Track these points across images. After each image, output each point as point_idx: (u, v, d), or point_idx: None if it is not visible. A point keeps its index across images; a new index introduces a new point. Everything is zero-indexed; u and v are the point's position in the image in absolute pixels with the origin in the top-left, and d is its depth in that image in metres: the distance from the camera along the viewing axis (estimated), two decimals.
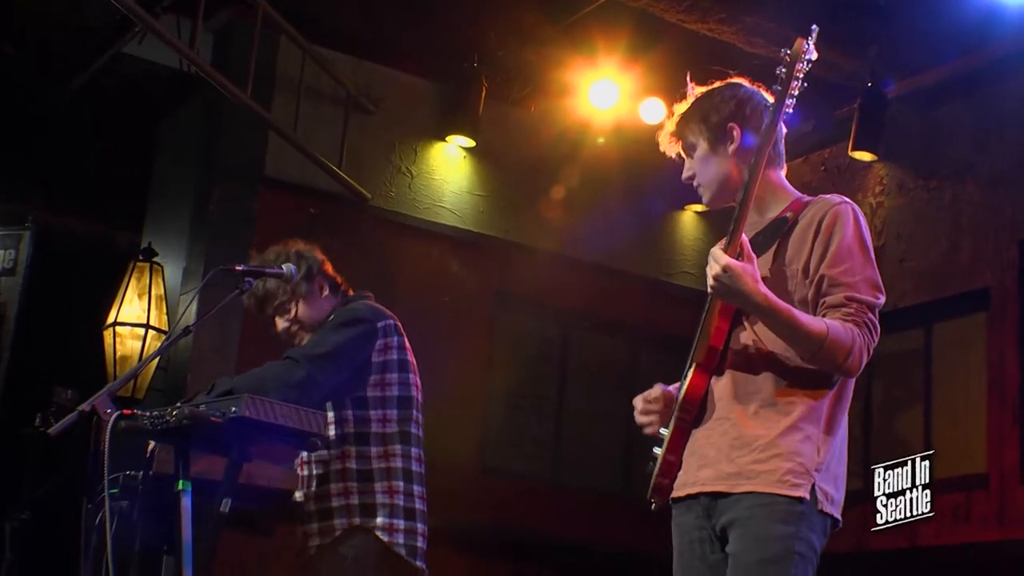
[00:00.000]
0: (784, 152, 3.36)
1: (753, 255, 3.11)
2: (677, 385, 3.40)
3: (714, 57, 7.34)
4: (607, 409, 8.10)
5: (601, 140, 8.17)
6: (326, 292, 4.40)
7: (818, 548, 3.11)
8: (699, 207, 8.62)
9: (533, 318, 8.27)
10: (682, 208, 8.67)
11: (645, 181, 8.36)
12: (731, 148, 3.29)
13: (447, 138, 7.91)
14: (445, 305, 7.69)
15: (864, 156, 7.75)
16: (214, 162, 7.38)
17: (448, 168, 7.96)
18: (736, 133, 3.29)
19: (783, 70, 3.16)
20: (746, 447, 3.11)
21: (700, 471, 3.18)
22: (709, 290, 3.10)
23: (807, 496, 3.07)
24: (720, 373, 3.21)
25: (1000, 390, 6.94)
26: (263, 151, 7.36)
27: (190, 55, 6.55)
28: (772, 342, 3.15)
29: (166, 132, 8.06)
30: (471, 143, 7.88)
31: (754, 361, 3.17)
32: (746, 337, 3.19)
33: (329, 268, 4.46)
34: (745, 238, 3.14)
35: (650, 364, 8.09)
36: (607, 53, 7.57)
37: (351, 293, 4.46)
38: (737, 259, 3.08)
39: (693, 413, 3.22)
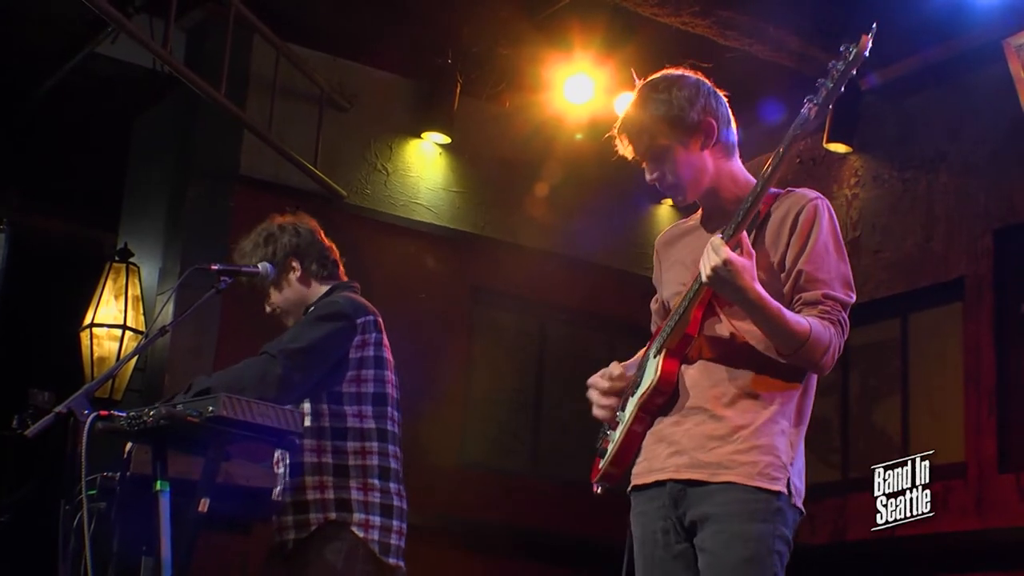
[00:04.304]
0: (737, 143, 3.33)
1: (752, 251, 3.09)
2: (628, 365, 3.41)
3: (689, 51, 7.36)
4: (585, 402, 8.10)
5: (579, 136, 8.16)
6: (310, 272, 4.35)
7: (791, 542, 3.12)
8: None
9: (510, 313, 8.28)
10: (658, 202, 8.68)
11: (621, 175, 8.31)
12: (708, 144, 3.25)
13: (422, 135, 7.91)
14: (422, 302, 7.69)
15: (839, 148, 7.78)
16: (189, 161, 7.36)
17: (424, 165, 7.96)
18: (714, 129, 3.25)
19: (838, 65, 3.10)
20: (725, 438, 3.10)
21: (671, 458, 3.15)
22: (704, 279, 3.05)
23: (784, 491, 3.08)
24: (689, 362, 3.19)
25: (976, 380, 6.97)
26: (238, 150, 7.35)
27: (163, 55, 6.53)
28: (749, 334, 3.14)
29: (140, 132, 8.04)
30: (446, 139, 7.88)
31: (732, 352, 3.16)
32: (722, 328, 3.18)
33: (318, 246, 4.40)
34: (745, 235, 3.10)
35: (627, 357, 8.07)
36: (582, 48, 7.57)
37: (343, 277, 4.43)
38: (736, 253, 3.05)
39: (666, 398, 3.20)
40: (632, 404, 3.27)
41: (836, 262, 3.17)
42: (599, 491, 3.38)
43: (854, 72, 3.10)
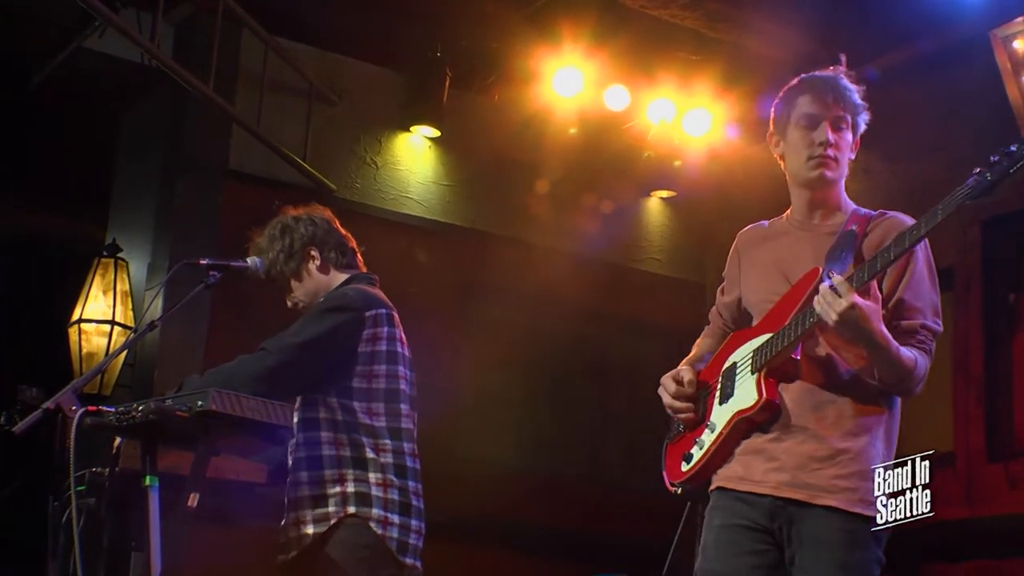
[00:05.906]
0: None
1: (879, 295, 3.25)
2: (696, 366, 3.50)
3: (678, 44, 7.37)
4: (577, 396, 8.10)
5: (573, 131, 8.15)
6: (330, 260, 4.32)
7: (884, 560, 3.30)
8: (665, 193, 8.61)
9: (501, 307, 8.26)
10: (648, 195, 8.67)
11: (611, 168, 8.38)
12: (855, 150, 3.51)
13: (412, 128, 7.89)
14: (412, 296, 7.66)
15: None
16: (178, 156, 7.33)
17: (413, 158, 7.95)
18: (860, 144, 3.53)
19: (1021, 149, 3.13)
20: (827, 460, 3.21)
21: (771, 474, 3.25)
22: (831, 323, 3.10)
23: (882, 516, 3.23)
24: (788, 380, 3.28)
25: (965, 370, 6.98)
26: (227, 144, 7.33)
27: (151, 49, 6.51)
28: (847, 358, 3.26)
29: (129, 126, 8.01)
30: (436, 133, 7.87)
31: (832, 375, 3.27)
32: (821, 350, 3.28)
33: (335, 234, 4.38)
34: (875, 280, 3.21)
35: (619, 350, 8.10)
36: (571, 40, 7.56)
37: (362, 267, 4.40)
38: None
39: (770, 415, 3.27)
40: (726, 415, 3.33)
41: (930, 291, 3.39)
42: (679, 492, 3.45)
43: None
